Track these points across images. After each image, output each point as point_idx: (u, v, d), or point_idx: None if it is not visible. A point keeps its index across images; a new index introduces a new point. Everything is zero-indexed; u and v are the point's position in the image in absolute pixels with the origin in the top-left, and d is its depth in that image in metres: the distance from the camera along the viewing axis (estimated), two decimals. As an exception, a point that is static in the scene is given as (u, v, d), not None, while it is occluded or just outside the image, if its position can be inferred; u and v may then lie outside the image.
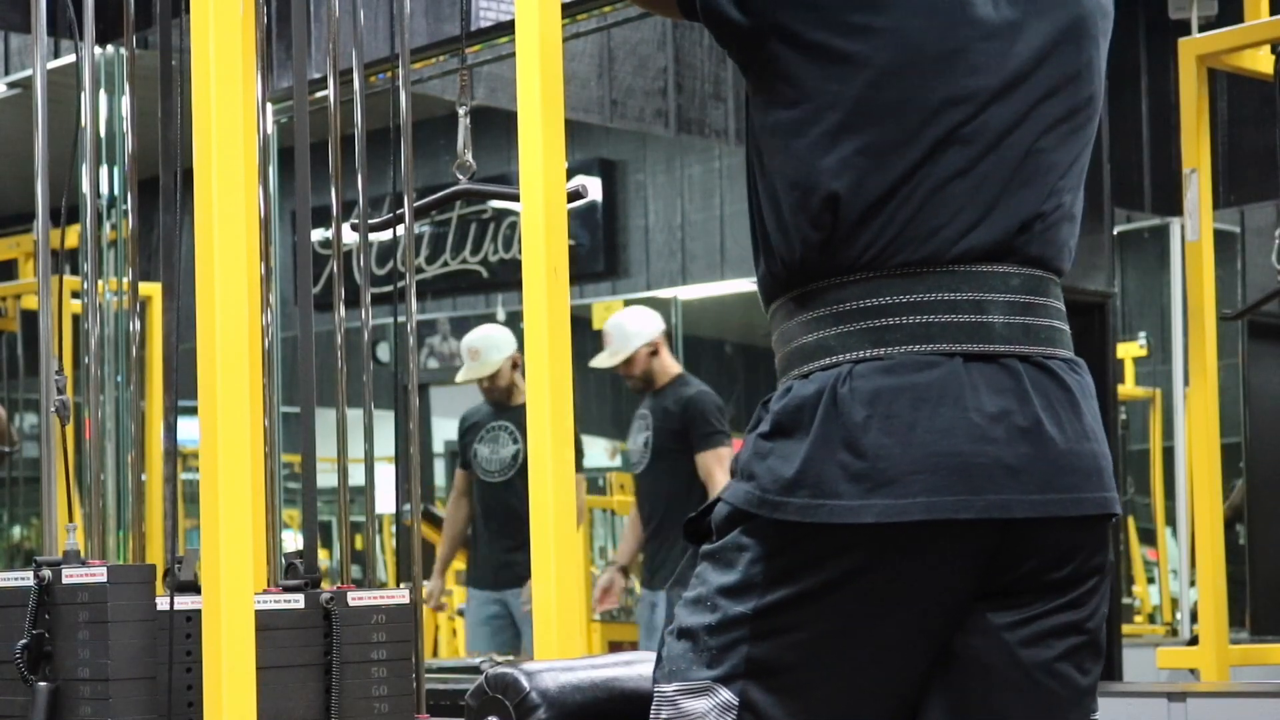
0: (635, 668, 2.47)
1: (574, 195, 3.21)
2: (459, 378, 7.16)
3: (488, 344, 7.10)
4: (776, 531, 2.00)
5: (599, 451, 11.03)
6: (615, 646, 8.56)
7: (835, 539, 1.98)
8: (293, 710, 3.06)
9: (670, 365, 6.72)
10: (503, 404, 7.10)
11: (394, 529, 9.37)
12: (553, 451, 3.10)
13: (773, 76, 2.07)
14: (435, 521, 9.00)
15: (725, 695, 2.03)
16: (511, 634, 6.95)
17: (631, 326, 6.77)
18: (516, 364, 6.93)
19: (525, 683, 2.33)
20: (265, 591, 3.13)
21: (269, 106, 3.48)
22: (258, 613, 2.95)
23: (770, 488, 2.00)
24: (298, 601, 3.12)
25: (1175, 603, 8.69)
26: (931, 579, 2.01)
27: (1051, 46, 2.08)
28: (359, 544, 4.94)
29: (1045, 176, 2.07)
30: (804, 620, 2.01)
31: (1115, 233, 8.09)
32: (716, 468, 6.39)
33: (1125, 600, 8.27)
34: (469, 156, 3.53)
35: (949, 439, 1.97)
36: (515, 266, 3.43)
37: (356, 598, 3.17)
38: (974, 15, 2.05)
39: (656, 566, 6.52)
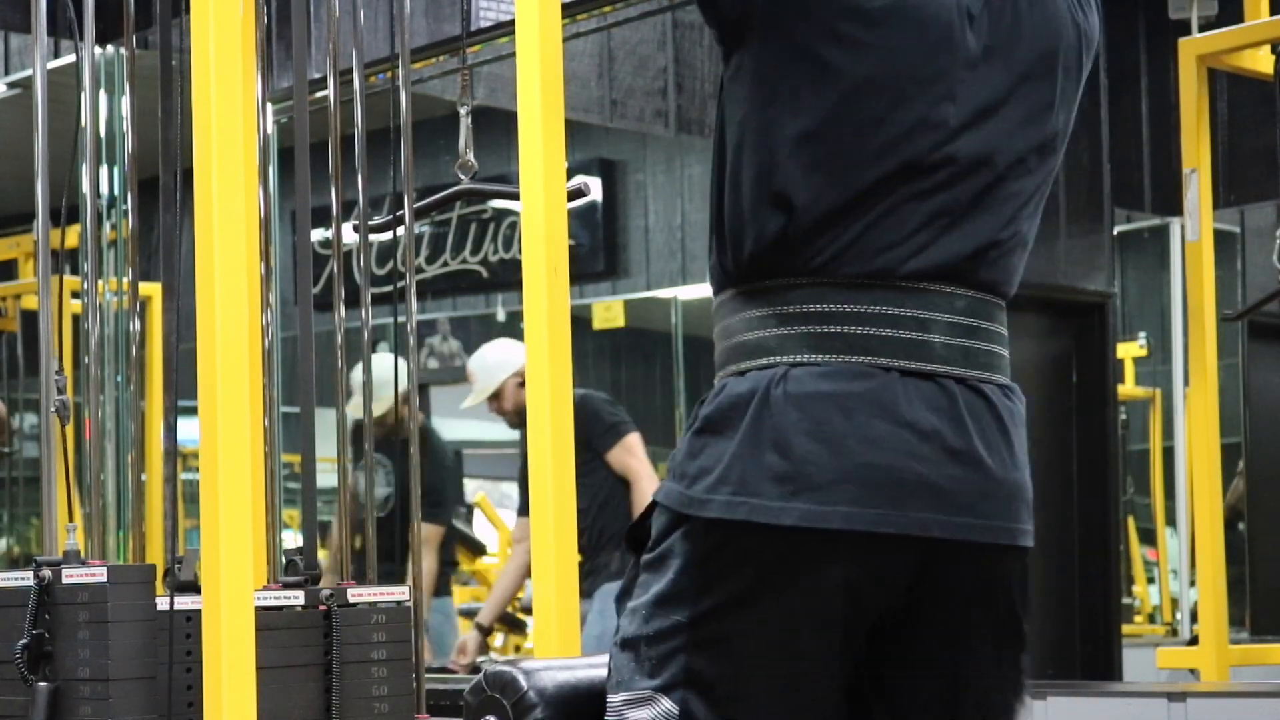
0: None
1: (575, 194, 3.21)
2: (464, 404, 6.86)
3: (482, 367, 6.71)
4: (705, 534, 2.01)
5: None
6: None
7: (756, 541, 1.98)
8: (292, 710, 3.06)
9: None
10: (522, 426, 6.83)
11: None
12: (553, 452, 3.10)
13: (752, 71, 2.06)
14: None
15: (666, 705, 2.03)
16: None
17: (493, 358, 6.52)
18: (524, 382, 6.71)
19: (523, 681, 2.33)
20: (265, 588, 3.13)
21: (269, 106, 3.48)
22: (257, 610, 2.95)
23: (697, 485, 2.01)
24: (297, 598, 3.11)
25: (1175, 603, 8.69)
26: (851, 592, 2.00)
27: (1024, 78, 2.08)
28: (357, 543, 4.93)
29: (1006, 205, 2.07)
30: (735, 629, 2.01)
31: (1115, 233, 8.09)
32: (630, 458, 6.22)
33: (1125, 600, 8.26)
34: (470, 156, 3.53)
35: (878, 451, 1.97)
36: (515, 266, 3.43)
37: (356, 594, 3.17)
38: (957, 41, 2.04)
39: (584, 575, 6.32)
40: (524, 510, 6.51)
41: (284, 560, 3.24)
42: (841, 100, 2.01)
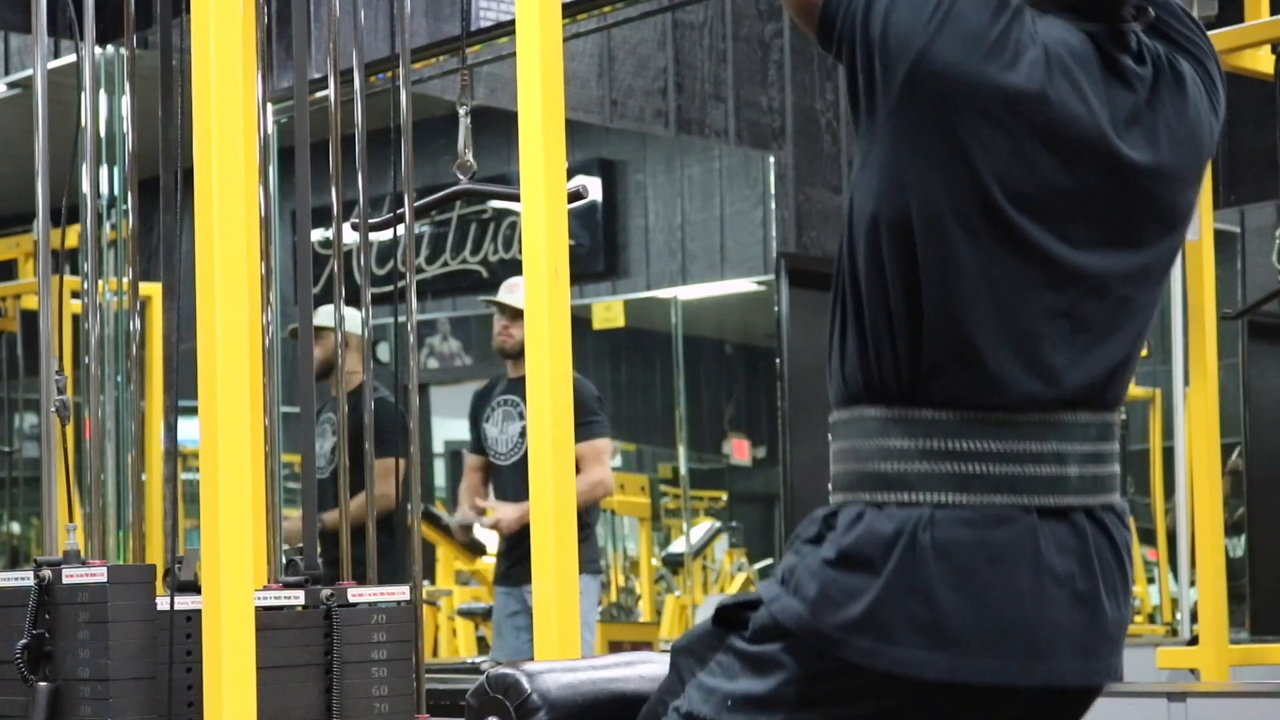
0: (636, 668, 2.47)
1: (575, 196, 3.21)
2: (496, 297, 6.51)
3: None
4: (820, 658, 1.99)
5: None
6: (615, 647, 8.57)
7: (882, 681, 1.98)
8: (292, 710, 3.06)
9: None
10: (515, 365, 6.46)
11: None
12: (553, 451, 3.10)
13: (907, 184, 2.01)
14: (435, 521, 8.99)
15: None
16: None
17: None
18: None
19: (526, 684, 2.33)
20: (265, 588, 3.13)
21: (269, 106, 3.48)
22: (258, 610, 2.95)
23: (829, 620, 1.98)
24: (298, 597, 3.11)
25: (1175, 603, 8.69)
26: None
27: (1165, 192, 2.08)
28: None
29: (1133, 321, 2.07)
30: None
31: (1115, 233, 8.09)
32: (594, 462, 6.13)
33: (1125, 600, 8.25)
34: (470, 156, 3.53)
35: (1019, 603, 1.98)
36: (515, 266, 3.43)
37: (357, 594, 3.17)
38: (1109, 156, 2.03)
39: (515, 562, 6.20)
40: (470, 446, 6.53)
41: (284, 560, 3.24)
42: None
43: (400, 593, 3.23)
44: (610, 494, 6.80)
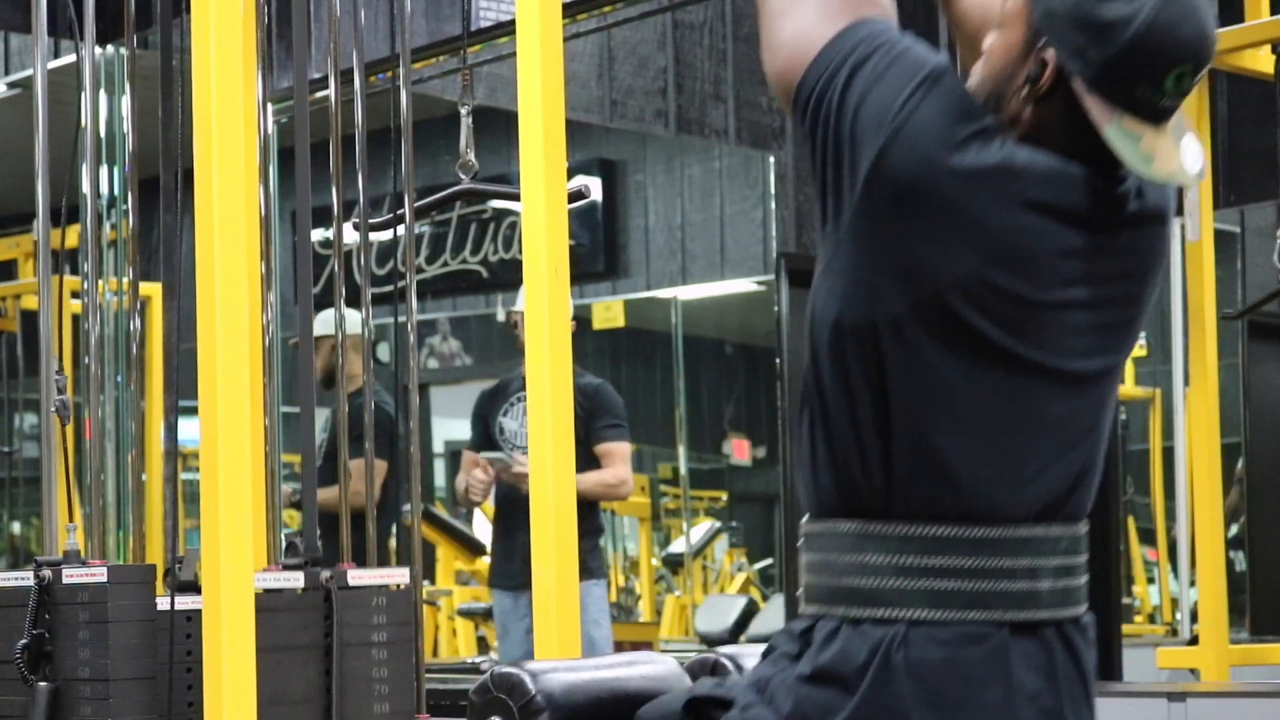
0: (638, 668, 2.47)
1: (576, 196, 3.22)
2: (513, 306, 6.49)
3: None
4: None
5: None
6: (616, 647, 8.57)
7: None
8: (293, 690, 3.05)
9: None
10: None
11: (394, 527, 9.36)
12: (553, 451, 3.10)
13: (911, 361, 2.00)
14: (435, 521, 8.99)
15: None
16: None
17: None
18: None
19: (530, 684, 2.33)
20: (265, 570, 3.12)
21: (269, 106, 3.48)
22: (257, 593, 2.95)
23: None
24: (297, 580, 3.11)
25: (1175, 603, 8.68)
26: None
27: (1122, 306, 2.08)
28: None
29: (1098, 423, 2.07)
30: None
31: (1115, 233, 8.09)
32: (621, 462, 6.10)
33: (1125, 600, 8.26)
34: (471, 156, 3.53)
35: None
36: (515, 266, 3.43)
37: (357, 576, 3.16)
38: (1072, 281, 2.02)
39: (518, 564, 5.95)
40: (470, 444, 6.44)
41: (285, 542, 3.24)
42: (1005, 396, 2.00)
43: (400, 576, 3.22)
44: (628, 497, 6.80)
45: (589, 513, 6.17)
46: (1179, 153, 1.99)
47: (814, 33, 2.01)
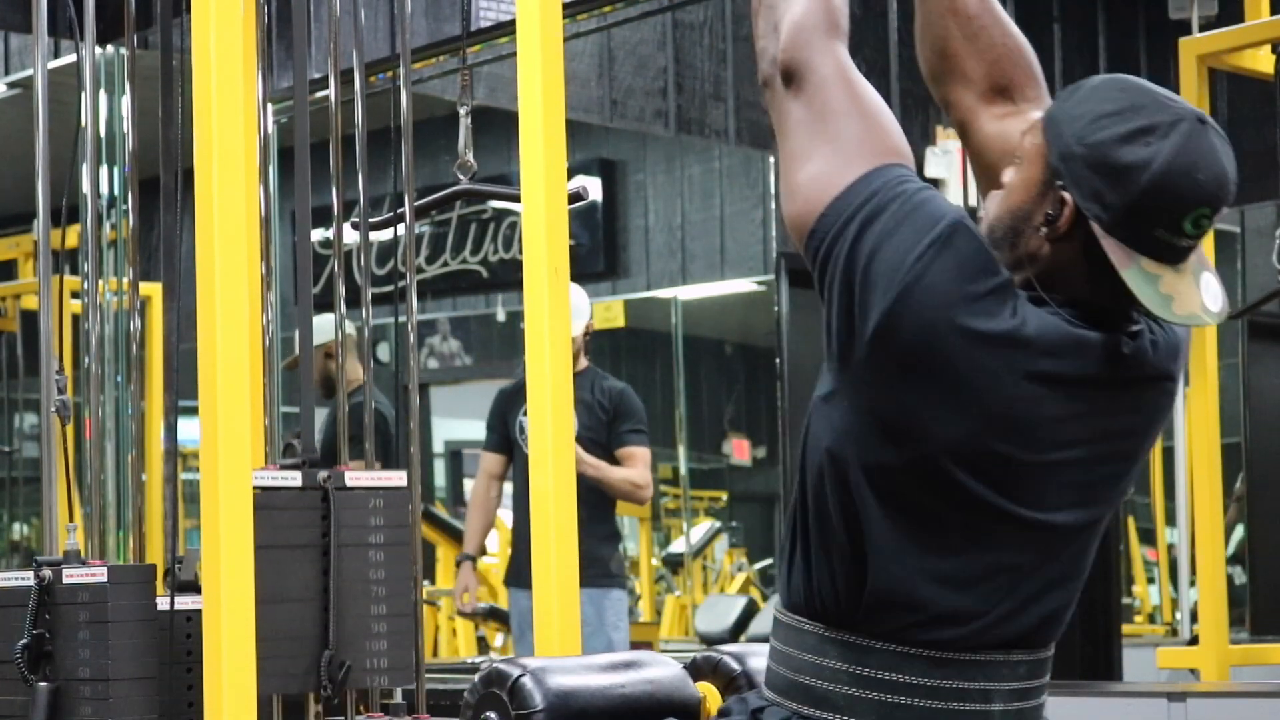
0: (636, 668, 2.47)
1: (575, 197, 3.21)
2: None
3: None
4: None
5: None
6: (615, 646, 8.56)
7: None
8: (290, 589, 3.05)
9: (584, 353, 6.39)
10: None
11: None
12: (554, 451, 3.10)
13: (859, 413, 2.01)
14: (434, 521, 8.99)
15: None
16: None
17: (579, 301, 6.24)
18: (588, 331, 6.45)
19: (525, 680, 2.33)
20: (263, 469, 3.12)
21: (269, 106, 3.48)
22: (255, 490, 2.95)
23: None
24: (295, 479, 3.10)
25: (1175, 603, 8.69)
26: None
27: (1117, 454, 2.08)
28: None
29: (1080, 569, 2.08)
30: None
31: (1115, 233, 8.08)
32: (643, 465, 6.15)
33: (1125, 600, 8.27)
34: (470, 156, 3.53)
35: None
36: (515, 266, 3.43)
37: (354, 477, 3.15)
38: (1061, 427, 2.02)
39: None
40: (488, 446, 6.44)
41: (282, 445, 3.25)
42: (988, 521, 2.00)
43: (398, 478, 3.21)
44: (646, 502, 6.80)
45: (607, 516, 6.19)
46: (1199, 292, 1.98)
47: (831, 179, 1.99)
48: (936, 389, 1.94)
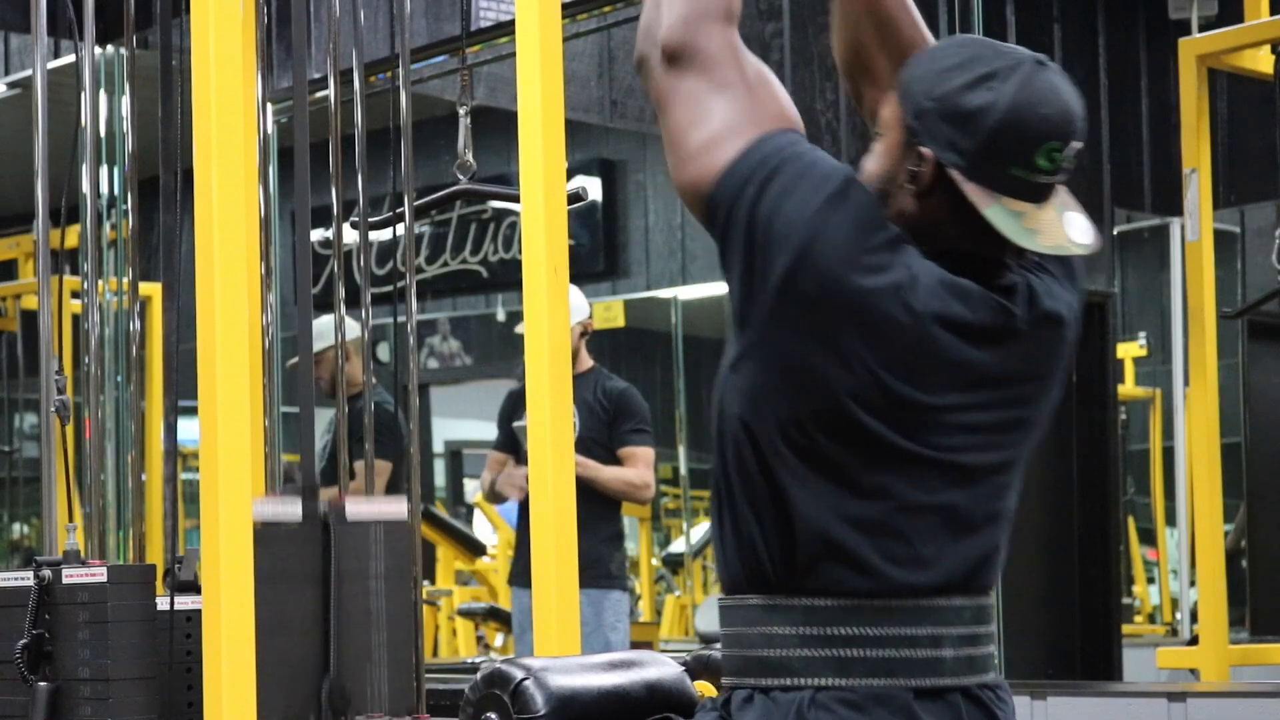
0: (636, 667, 2.47)
1: (574, 198, 3.22)
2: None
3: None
4: None
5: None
6: (615, 646, 8.57)
7: None
8: (290, 619, 3.04)
9: (586, 354, 6.43)
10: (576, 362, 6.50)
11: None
12: (553, 451, 3.10)
13: (776, 390, 2.06)
14: (435, 521, 8.99)
15: None
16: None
17: (575, 300, 6.39)
18: (586, 331, 6.48)
19: (526, 680, 2.33)
20: (263, 498, 3.11)
21: (269, 106, 3.48)
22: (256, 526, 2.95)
23: None
24: (295, 513, 3.08)
25: (1175, 603, 8.69)
26: None
27: (1025, 396, 2.13)
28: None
29: (1004, 509, 2.13)
30: None
31: (1115, 233, 8.09)
32: (645, 465, 6.20)
33: (1125, 600, 8.26)
34: (469, 156, 3.53)
35: None
36: (515, 266, 3.43)
37: (355, 510, 3.14)
38: (973, 371, 2.08)
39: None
40: (496, 444, 6.44)
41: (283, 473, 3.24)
42: (908, 487, 2.06)
43: (398, 506, 3.20)
44: (648, 502, 6.81)
45: (610, 517, 6.19)
46: (1065, 226, 2.06)
47: (724, 145, 2.07)
48: (838, 336, 2.01)
